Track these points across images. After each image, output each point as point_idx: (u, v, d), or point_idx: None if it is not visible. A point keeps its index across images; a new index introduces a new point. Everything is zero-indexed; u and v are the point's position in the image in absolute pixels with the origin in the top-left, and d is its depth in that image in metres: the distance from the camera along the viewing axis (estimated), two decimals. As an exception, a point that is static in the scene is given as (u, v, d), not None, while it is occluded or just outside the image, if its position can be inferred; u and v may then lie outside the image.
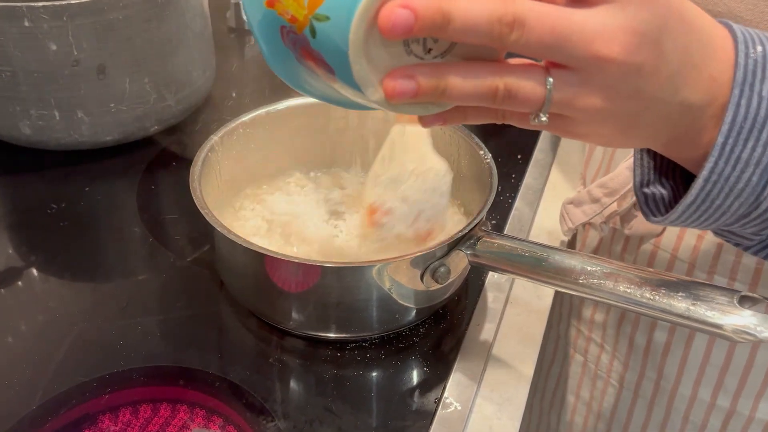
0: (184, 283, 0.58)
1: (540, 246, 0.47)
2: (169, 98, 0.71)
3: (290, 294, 0.50)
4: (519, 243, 0.48)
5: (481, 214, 0.50)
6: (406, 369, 0.51)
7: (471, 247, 0.49)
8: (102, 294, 0.58)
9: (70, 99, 0.65)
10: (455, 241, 0.49)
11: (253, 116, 0.60)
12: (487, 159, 0.56)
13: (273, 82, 0.89)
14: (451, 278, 0.50)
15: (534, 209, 0.68)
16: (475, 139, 0.58)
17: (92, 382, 0.49)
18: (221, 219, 0.54)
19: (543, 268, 0.45)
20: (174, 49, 0.69)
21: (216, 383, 0.49)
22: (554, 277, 0.45)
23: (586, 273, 0.44)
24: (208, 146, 0.56)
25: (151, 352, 0.52)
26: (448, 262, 0.49)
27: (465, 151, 0.58)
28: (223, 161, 0.58)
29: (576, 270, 0.44)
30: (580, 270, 0.44)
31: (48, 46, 0.62)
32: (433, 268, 0.49)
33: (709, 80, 0.34)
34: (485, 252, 0.49)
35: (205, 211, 0.50)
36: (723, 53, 0.35)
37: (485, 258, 0.49)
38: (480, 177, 0.56)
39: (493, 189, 0.53)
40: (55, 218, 0.64)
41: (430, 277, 0.49)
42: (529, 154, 0.74)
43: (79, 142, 0.69)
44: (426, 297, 0.52)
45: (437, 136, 0.60)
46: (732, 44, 0.35)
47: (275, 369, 0.51)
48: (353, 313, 0.50)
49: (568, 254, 0.45)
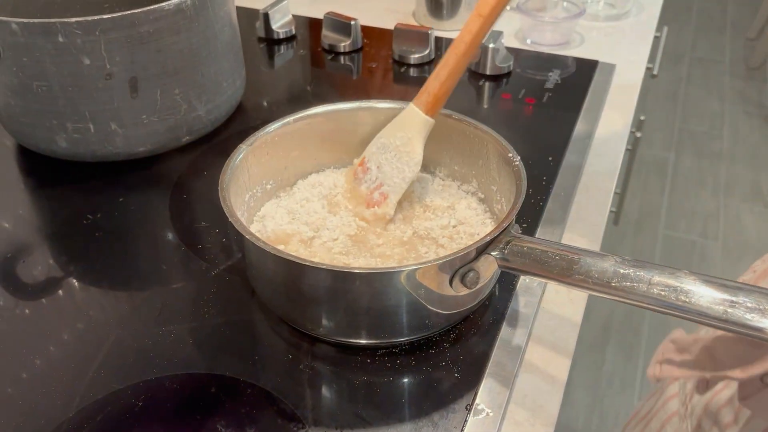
0: (216, 290, 0.58)
1: (571, 248, 0.46)
2: (200, 108, 0.72)
3: (319, 300, 0.50)
4: (550, 246, 0.47)
5: (509, 218, 0.50)
6: (436, 375, 0.51)
7: (500, 252, 0.48)
8: (136, 302, 0.58)
9: (104, 112, 0.67)
10: (484, 245, 0.48)
11: (281, 124, 0.60)
12: (516, 162, 0.55)
13: (302, 89, 0.89)
14: (480, 283, 0.49)
15: (566, 212, 0.67)
16: (504, 141, 0.57)
17: (126, 389, 0.50)
18: (251, 226, 0.54)
19: (575, 271, 0.44)
20: (204, 60, 0.70)
21: (247, 390, 0.50)
22: (586, 281, 0.44)
23: (619, 276, 0.42)
24: (237, 155, 0.56)
25: (184, 359, 0.52)
26: (477, 266, 0.48)
27: (494, 153, 0.58)
28: (253, 168, 0.59)
29: (608, 272, 0.43)
30: (613, 273, 0.43)
31: (82, 61, 0.63)
32: (462, 272, 0.48)
33: None
34: (515, 256, 0.48)
35: (233, 219, 0.50)
36: None
37: (515, 262, 0.48)
38: (509, 180, 0.55)
39: (522, 192, 0.52)
40: (91, 228, 0.65)
41: (459, 281, 0.48)
42: (560, 157, 0.73)
43: (113, 154, 0.70)
44: (456, 302, 0.51)
45: (467, 136, 0.60)
46: None
47: (306, 376, 0.51)
48: (383, 319, 0.50)
49: (600, 257, 0.44)
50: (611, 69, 0.91)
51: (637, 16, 1.07)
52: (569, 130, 0.78)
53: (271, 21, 0.97)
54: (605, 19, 1.05)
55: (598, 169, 0.74)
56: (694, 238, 2.11)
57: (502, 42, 0.89)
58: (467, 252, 0.48)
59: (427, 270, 0.48)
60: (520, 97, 0.85)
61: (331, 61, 0.95)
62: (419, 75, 0.91)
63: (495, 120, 0.83)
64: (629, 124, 0.82)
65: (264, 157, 0.60)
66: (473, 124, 0.60)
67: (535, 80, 0.88)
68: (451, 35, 1.00)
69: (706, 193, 2.29)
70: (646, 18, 1.07)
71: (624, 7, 1.06)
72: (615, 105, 0.85)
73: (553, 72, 0.90)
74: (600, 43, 0.99)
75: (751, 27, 3.07)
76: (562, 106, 0.83)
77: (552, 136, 0.77)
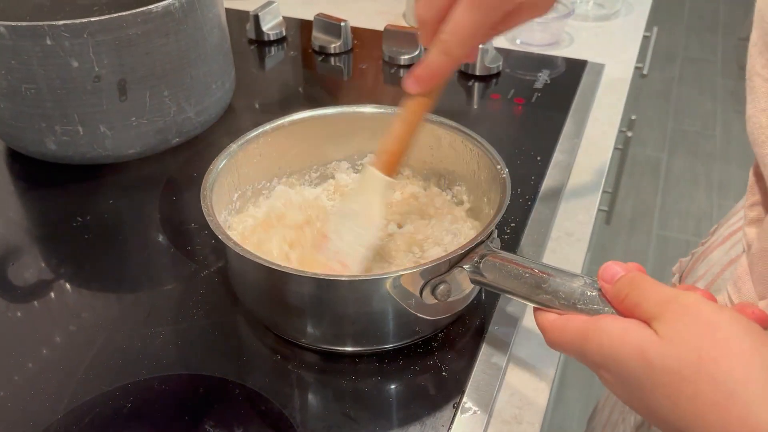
0: (205, 292, 0.58)
1: (544, 267, 0.44)
2: (189, 110, 0.72)
3: (293, 307, 0.50)
4: (522, 262, 0.46)
5: (485, 232, 0.49)
6: (424, 373, 0.51)
7: (473, 266, 0.47)
8: (126, 304, 0.59)
9: (93, 114, 0.67)
10: (457, 258, 0.48)
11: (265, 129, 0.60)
12: (503, 174, 0.54)
13: (293, 91, 0.90)
14: (452, 296, 0.48)
15: (554, 211, 0.67)
16: (494, 153, 0.56)
17: (115, 391, 0.50)
18: (237, 228, 0.54)
19: (542, 290, 0.43)
20: (192, 62, 0.71)
21: (236, 391, 0.50)
22: (552, 301, 0.42)
23: (586, 298, 0.40)
24: (217, 165, 0.56)
25: (172, 360, 0.52)
26: (449, 279, 0.48)
27: (484, 164, 0.57)
28: (242, 168, 0.59)
29: (575, 294, 0.40)
30: (580, 294, 0.40)
31: (70, 63, 0.64)
32: (433, 284, 0.47)
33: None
34: (488, 271, 0.47)
35: (211, 218, 0.50)
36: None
37: (487, 278, 0.47)
38: (497, 192, 0.54)
39: (502, 208, 0.51)
40: (80, 231, 0.65)
41: (429, 293, 0.48)
42: (548, 156, 0.74)
43: (103, 156, 0.70)
44: (433, 310, 0.50)
45: (457, 148, 0.60)
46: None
47: (294, 376, 0.51)
48: (360, 327, 0.50)
49: (570, 277, 0.42)
50: (600, 69, 0.91)
51: (626, 16, 1.07)
52: (558, 129, 0.78)
53: (262, 23, 0.97)
54: (595, 19, 1.05)
55: (587, 168, 0.74)
56: (687, 237, 2.12)
57: (491, 42, 0.89)
58: (438, 264, 0.47)
59: (396, 280, 0.47)
60: (509, 97, 0.85)
61: (321, 62, 0.95)
62: (409, 76, 0.92)
63: (484, 120, 0.83)
64: (618, 124, 0.83)
65: (250, 161, 0.60)
66: (466, 132, 0.59)
67: (524, 80, 0.89)
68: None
69: (699, 193, 2.30)
70: (635, 18, 1.07)
71: (613, 7, 1.07)
72: (604, 104, 0.85)
73: (543, 72, 0.90)
74: (589, 43, 0.99)
75: (743, 27, 3.09)
76: (551, 106, 0.83)
77: (541, 135, 0.77)
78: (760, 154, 0.41)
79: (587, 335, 0.37)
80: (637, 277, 0.37)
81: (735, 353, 0.32)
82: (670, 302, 0.34)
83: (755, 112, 0.42)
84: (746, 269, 0.44)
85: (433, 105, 0.50)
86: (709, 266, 0.52)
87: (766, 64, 0.41)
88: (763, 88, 0.41)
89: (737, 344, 0.32)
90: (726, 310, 0.33)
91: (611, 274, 0.38)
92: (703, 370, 0.32)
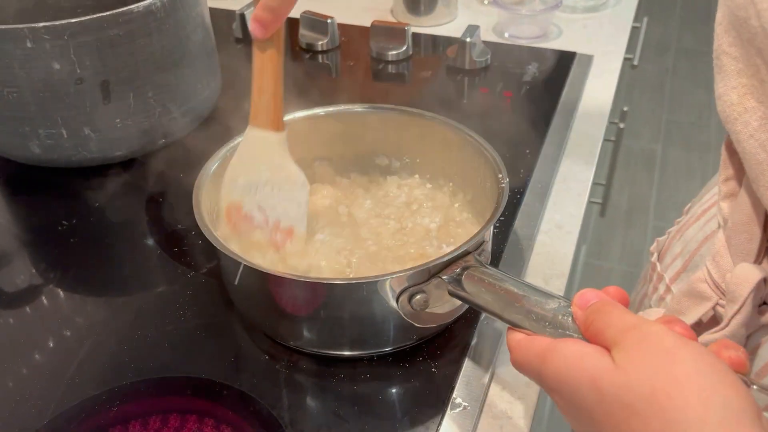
0: (192, 293, 0.58)
1: (523, 285, 0.43)
2: (175, 111, 0.72)
3: (283, 310, 0.50)
4: (502, 279, 0.44)
5: (469, 243, 0.47)
6: (414, 369, 0.51)
7: (454, 278, 0.46)
8: (113, 307, 0.58)
9: (77, 117, 0.66)
10: (437, 267, 0.46)
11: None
12: (503, 183, 0.52)
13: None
14: (432, 308, 0.47)
15: (543, 203, 0.67)
16: (497, 158, 0.54)
17: (102, 395, 0.49)
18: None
19: (516, 309, 0.41)
20: (176, 63, 0.70)
21: (224, 392, 0.49)
22: (523, 322, 0.40)
23: (557, 322, 0.39)
24: (209, 167, 0.56)
25: (160, 363, 0.52)
26: (428, 289, 0.46)
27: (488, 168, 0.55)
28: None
29: (547, 317, 0.39)
30: (551, 318, 0.39)
31: (51, 66, 0.63)
32: (411, 293, 0.46)
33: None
34: (468, 285, 0.45)
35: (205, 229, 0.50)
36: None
37: (465, 291, 0.45)
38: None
39: (493, 218, 0.49)
40: (66, 234, 0.65)
41: (406, 302, 0.46)
42: (538, 149, 0.73)
43: (88, 159, 0.69)
44: (419, 318, 0.48)
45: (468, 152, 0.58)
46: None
47: (283, 376, 0.51)
48: (349, 331, 0.49)
49: (546, 297, 0.41)
50: (589, 60, 0.91)
51: (615, 7, 1.07)
52: (547, 122, 0.78)
53: (248, 21, 0.96)
54: (583, 11, 1.05)
55: (577, 160, 0.74)
56: (683, 228, 2.12)
57: (478, 36, 0.89)
58: (415, 272, 0.45)
59: (372, 285, 0.46)
60: (498, 90, 0.85)
61: (309, 59, 0.95)
62: (397, 71, 0.91)
63: (473, 114, 0.82)
64: (607, 115, 0.82)
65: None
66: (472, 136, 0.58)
67: (513, 73, 0.88)
68: (428, 31, 0.99)
69: (694, 184, 2.29)
70: (624, 9, 1.07)
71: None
72: (593, 96, 0.85)
73: (531, 65, 0.90)
74: (578, 35, 0.99)
75: (736, 17, 3.07)
76: (540, 99, 0.83)
77: (530, 128, 0.77)
78: (732, 130, 0.41)
79: (546, 357, 0.36)
80: (607, 304, 0.36)
81: (692, 390, 0.29)
82: (631, 330, 0.33)
83: (726, 90, 0.41)
84: (724, 244, 0.44)
85: (282, 44, 0.49)
86: (685, 243, 0.51)
87: (733, 42, 0.41)
88: (731, 66, 0.41)
89: (696, 381, 0.30)
90: (691, 344, 0.31)
91: (585, 300, 0.37)
92: (656, 406, 0.30)
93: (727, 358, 0.33)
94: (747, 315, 0.40)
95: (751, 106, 0.40)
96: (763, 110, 0.39)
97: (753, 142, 0.39)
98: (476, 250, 0.48)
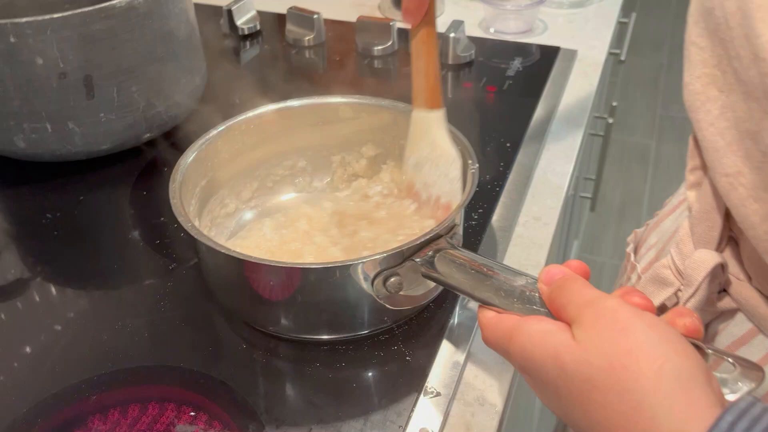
0: (173, 285, 0.59)
1: (492, 264, 0.44)
2: (159, 105, 0.72)
3: (258, 296, 0.50)
4: (473, 259, 0.46)
5: (441, 227, 0.48)
6: (388, 358, 0.51)
7: (426, 260, 0.47)
8: (94, 298, 0.59)
9: (61, 111, 0.67)
10: (411, 250, 0.47)
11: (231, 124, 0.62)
12: (473, 169, 0.53)
13: (267, 85, 0.90)
14: (407, 290, 0.48)
15: (522, 196, 0.67)
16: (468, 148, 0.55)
17: (81, 384, 0.50)
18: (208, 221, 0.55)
19: (485, 287, 0.42)
20: (160, 57, 0.71)
21: (201, 381, 0.50)
22: (492, 299, 0.42)
23: (525, 298, 0.40)
24: (186, 159, 0.57)
25: (139, 353, 0.53)
26: (401, 271, 0.47)
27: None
28: (215, 159, 0.60)
29: (515, 293, 0.41)
30: (519, 294, 0.40)
31: (35, 61, 0.64)
32: (385, 275, 0.47)
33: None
34: (441, 265, 0.46)
35: (182, 218, 0.51)
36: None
37: (438, 272, 0.46)
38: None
39: (463, 202, 0.51)
40: (50, 228, 0.65)
41: (381, 285, 0.47)
42: (518, 142, 0.74)
43: (73, 153, 0.70)
44: (395, 300, 0.49)
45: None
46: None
47: (259, 366, 0.52)
48: (323, 315, 0.50)
49: (514, 275, 0.42)
50: (573, 55, 0.92)
51: (601, 2, 1.07)
52: (528, 116, 0.79)
53: (235, 17, 0.97)
54: (569, 6, 1.05)
55: (557, 153, 0.75)
56: (676, 223, 2.13)
57: (463, 31, 0.90)
58: (389, 255, 0.46)
59: (345, 269, 0.47)
60: (481, 85, 0.85)
61: (296, 55, 0.95)
62: (383, 66, 0.92)
63: (454, 109, 0.82)
64: (588, 109, 0.83)
65: (217, 155, 0.60)
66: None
67: (497, 68, 0.89)
68: (415, 26, 1.00)
69: (687, 179, 2.30)
70: (610, 4, 1.07)
71: (588, -6, 1.07)
72: (576, 90, 0.86)
73: (516, 60, 0.90)
74: (563, 30, 1.00)
75: (731, 12, 3.07)
76: (523, 93, 0.83)
77: (511, 122, 0.78)
78: (695, 119, 0.42)
79: (512, 335, 0.37)
80: (568, 280, 0.37)
81: (644, 360, 0.30)
82: (589, 305, 0.34)
83: (691, 80, 0.42)
84: (687, 231, 0.45)
85: (434, 28, 0.53)
86: (660, 234, 0.52)
87: (701, 33, 0.42)
88: (698, 57, 0.42)
89: (648, 351, 0.31)
90: (645, 315, 0.33)
91: (550, 276, 0.38)
92: (613, 378, 0.31)
93: (682, 326, 0.34)
94: (702, 299, 0.41)
95: (713, 95, 0.41)
96: (724, 99, 0.40)
97: (713, 130, 0.40)
98: (448, 233, 0.49)
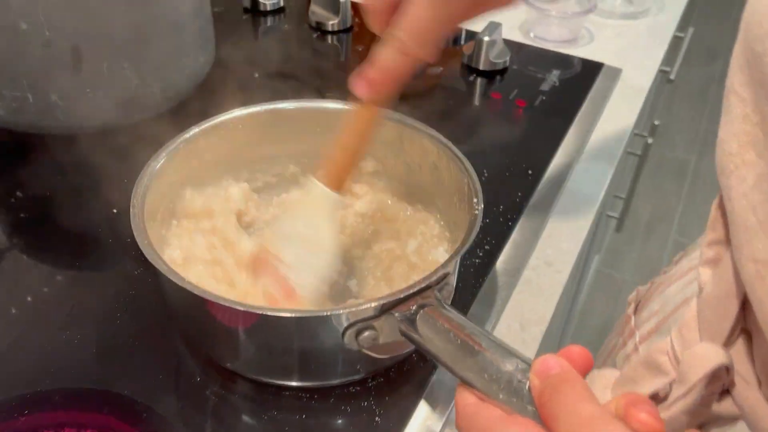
0: (135, 293, 0.53)
1: (482, 336, 0.36)
2: (153, 85, 0.66)
3: (221, 334, 0.45)
4: (461, 325, 0.38)
5: (429, 278, 0.41)
6: (355, 416, 0.46)
7: (407, 316, 0.40)
8: (45, 297, 0.53)
9: (43, 81, 0.61)
10: (390, 304, 0.40)
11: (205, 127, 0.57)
12: (477, 210, 0.46)
13: (279, 70, 0.83)
14: (381, 343, 0.42)
15: (537, 235, 0.60)
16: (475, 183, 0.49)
17: (11, 400, 0.45)
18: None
19: (468, 365, 0.35)
20: (159, 32, 0.64)
21: (143, 415, 0.45)
22: (474, 381, 0.34)
23: (511, 389, 0.33)
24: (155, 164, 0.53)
25: (82, 371, 0.47)
26: (377, 325, 0.41)
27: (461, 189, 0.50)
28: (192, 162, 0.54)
29: (501, 380, 0.33)
30: (506, 382, 0.33)
31: (18, 25, 0.58)
32: (358, 328, 0.41)
33: None
34: (422, 326, 0.39)
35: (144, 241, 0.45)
36: None
37: (417, 333, 0.39)
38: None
39: (460, 250, 0.43)
40: (16, 208, 0.60)
41: (353, 338, 0.41)
42: (541, 170, 0.67)
43: (53, 127, 0.64)
44: (356, 357, 0.44)
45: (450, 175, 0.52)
46: None
47: (211, 403, 0.46)
48: (287, 361, 0.45)
49: (504, 356, 0.35)
50: (616, 74, 0.83)
51: (657, 15, 0.98)
52: (557, 140, 0.71)
53: (258, -10, 0.90)
54: (621, 17, 0.97)
55: (583, 188, 0.67)
56: (705, 247, 2.03)
57: (499, 35, 0.82)
58: (364, 308, 0.40)
59: (318, 319, 0.41)
60: (510, 98, 0.78)
61: (316, 39, 0.88)
62: (408, 63, 0.85)
63: (477, 122, 0.76)
64: (626, 139, 0.75)
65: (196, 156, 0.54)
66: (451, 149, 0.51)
67: (531, 80, 0.81)
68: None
69: (724, 202, 2.20)
70: (666, 18, 0.98)
71: (643, 5, 0.98)
72: (614, 116, 0.78)
73: (553, 72, 0.82)
74: (610, 43, 0.91)
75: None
76: (555, 113, 0.76)
77: (537, 145, 0.70)
78: (725, 185, 0.35)
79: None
80: (565, 383, 0.30)
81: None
82: (585, 428, 0.27)
83: (727, 136, 0.35)
84: (694, 315, 0.38)
85: (383, 111, 0.43)
86: (665, 301, 0.45)
87: (745, 82, 0.34)
88: (738, 110, 0.35)
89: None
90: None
91: (544, 368, 0.31)
92: None
93: (636, 422, 0.27)
94: (694, 402, 0.34)
95: (751, 160, 0.34)
96: (763, 166, 0.33)
97: (744, 203, 0.33)
98: (438, 284, 0.42)
